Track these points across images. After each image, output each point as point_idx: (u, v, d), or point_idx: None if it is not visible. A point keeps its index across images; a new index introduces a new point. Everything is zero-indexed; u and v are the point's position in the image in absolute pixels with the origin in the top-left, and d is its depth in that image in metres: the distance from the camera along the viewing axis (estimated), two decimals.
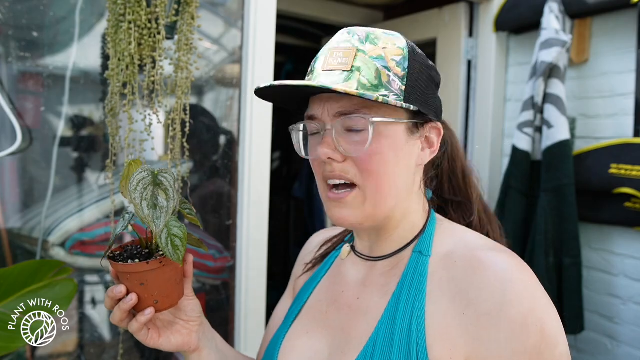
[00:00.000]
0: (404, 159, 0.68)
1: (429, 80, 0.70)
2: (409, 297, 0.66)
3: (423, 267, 0.68)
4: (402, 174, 0.68)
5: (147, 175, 0.62)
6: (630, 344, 1.68)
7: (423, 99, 0.68)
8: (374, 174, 0.66)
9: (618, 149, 1.64)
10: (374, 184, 0.66)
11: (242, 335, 1.47)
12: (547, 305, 0.62)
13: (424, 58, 0.71)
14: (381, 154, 0.65)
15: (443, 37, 2.21)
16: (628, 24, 1.67)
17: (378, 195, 0.67)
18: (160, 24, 0.92)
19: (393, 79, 0.65)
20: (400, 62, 0.66)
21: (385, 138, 0.66)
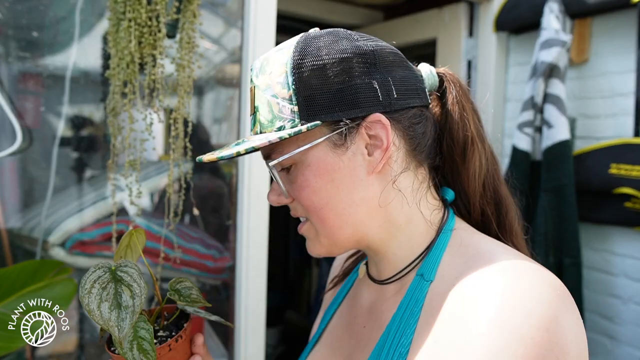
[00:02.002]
0: (344, 178, 0.57)
1: (339, 74, 0.56)
2: (399, 330, 0.56)
3: (420, 295, 0.56)
4: (349, 194, 0.57)
5: (103, 273, 0.55)
6: (630, 344, 1.68)
7: (328, 105, 0.55)
8: (311, 208, 0.58)
9: (618, 149, 1.64)
10: (316, 218, 0.59)
11: (242, 335, 1.47)
12: (569, 336, 0.47)
13: (324, 51, 0.56)
14: (309, 187, 0.57)
15: (443, 37, 2.21)
16: (628, 24, 1.67)
17: (326, 227, 0.59)
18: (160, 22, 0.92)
19: (283, 105, 0.56)
20: (284, 82, 0.56)
21: (307, 168, 0.57)
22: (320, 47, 0.57)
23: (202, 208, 1.52)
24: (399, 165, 0.59)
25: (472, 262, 0.55)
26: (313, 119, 0.55)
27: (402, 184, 0.60)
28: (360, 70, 0.56)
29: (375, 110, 0.56)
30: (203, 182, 1.54)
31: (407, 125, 0.59)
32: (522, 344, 0.46)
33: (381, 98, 0.57)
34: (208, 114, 1.60)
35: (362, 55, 0.57)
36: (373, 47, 0.58)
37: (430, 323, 0.53)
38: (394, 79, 0.58)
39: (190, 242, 1.49)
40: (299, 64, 0.56)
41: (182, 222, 1.53)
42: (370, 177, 0.58)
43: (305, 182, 0.58)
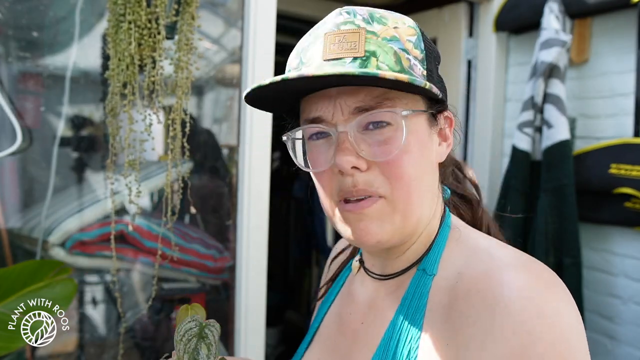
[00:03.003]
0: (428, 157, 0.56)
1: (436, 61, 0.59)
2: (407, 326, 0.55)
3: (424, 289, 0.56)
4: (428, 175, 0.56)
5: (194, 326, 0.60)
6: (630, 344, 1.68)
7: (438, 82, 0.57)
8: (405, 179, 0.53)
9: (618, 149, 1.64)
10: (405, 192, 0.54)
11: (242, 335, 1.47)
12: (561, 346, 0.47)
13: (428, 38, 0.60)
14: (410, 153, 0.53)
15: (443, 37, 2.21)
16: (628, 24, 1.67)
17: (409, 202, 0.54)
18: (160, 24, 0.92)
19: (414, 63, 0.54)
20: (417, 43, 0.55)
21: (412, 133, 0.54)
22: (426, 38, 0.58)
23: (202, 208, 1.52)
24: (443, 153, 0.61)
25: (476, 258, 0.54)
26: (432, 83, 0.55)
27: (437, 175, 0.61)
28: (437, 62, 0.59)
29: (446, 107, 0.59)
30: (203, 182, 1.54)
31: None
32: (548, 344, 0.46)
33: (442, 94, 0.58)
34: (208, 114, 1.61)
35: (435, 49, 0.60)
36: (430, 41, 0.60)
37: (439, 319, 0.53)
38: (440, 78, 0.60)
39: (190, 242, 1.49)
40: (424, 36, 0.57)
41: (182, 222, 1.53)
42: (435, 166, 0.59)
43: (408, 147, 0.53)
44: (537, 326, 0.46)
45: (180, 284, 1.56)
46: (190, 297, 1.58)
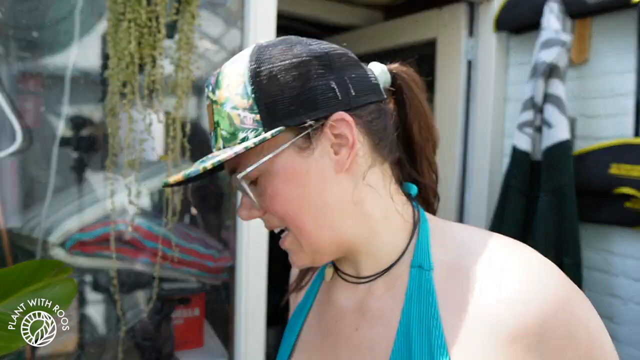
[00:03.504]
0: (314, 181, 0.57)
1: (297, 78, 0.56)
2: (422, 324, 0.55)
3: (428, 285, 0.57)
4: (320, 197, 0.57)
5: None
6: (630, 344, 1.68)
7: (294, 108, 0.55)
8: (287, 217, 0.57)
9: (618, 149, 1.64)
10: (293, 226, 0.58)
11: (242, 335, 1.47)
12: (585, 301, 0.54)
13: (280, 58, 0.57)
14: (280, 196, 0.57)
15: (443, 37, 2.21)
16: (628, 24, 1.67)
17: (304, 234, 0.58)
18: (160, 23, 0.92)
19: (244, 116, 0.56)
20: (244, 92, 0.56)
21: (275, 176, 0.57)
22: (275, 55, 0.57)
23: (202, 208, 1.52)
24: (366, 161, 0.59)
25: (467, 249, 0.57)
26: (276, 125, 0.55)
27: (371, 179, 0.60)
28: (316, 72, 0.56)
29: (337, 109, 0.56)
30: (203, 182, 1.54)
31: (368, 121, 0.59)
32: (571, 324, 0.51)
33: (340, 97, 0.57)
34: None
35: (317, 57, 0.57)
36: (326, 49, 0.59)
37: (455, 312, 0.54)
38: (349, 78, 0.58)
39: (190, 242, 1.49)
40: (256, 72, 0.56)
41: (182, 222, 1.53)
42: (340, 176, 0.58)
43: (275, 190, 0.57)
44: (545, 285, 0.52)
45: (180, 284, 1.56)
46: (190, 297, 1.58)
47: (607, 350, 0.52)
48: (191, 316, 1.58)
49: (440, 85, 2.24)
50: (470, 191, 2.15)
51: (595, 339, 0.52)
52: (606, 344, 0.53)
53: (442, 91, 2.23)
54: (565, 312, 0.50)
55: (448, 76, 2.19)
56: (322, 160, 0.57)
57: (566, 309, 0.51)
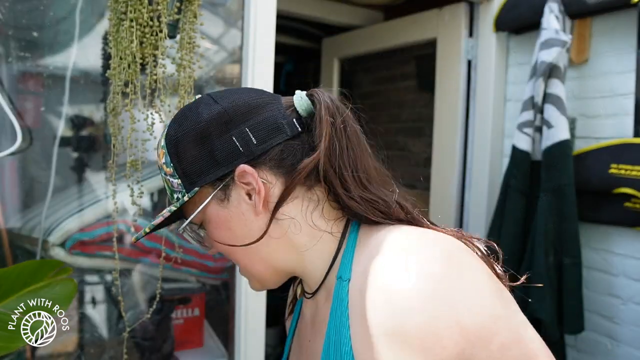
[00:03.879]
0: (238, 224, 0.65)
1: (201, 142, 0.63)
2: (337, 333, 0.59)
3: (343, 294, 0.60)
4: (247, 236, 0.64)
5: None
6: (630, 344, 1.68)
7: (204, 169, 0.63)
8: (226, 255, 0.68)
9: (618, 149, 1.64)
10: (235, 262, 0.69)
11: (242, 335, 1.47)
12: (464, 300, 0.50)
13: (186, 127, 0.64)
14: (215, 238, 0.67)
15: (443, 37, 2.21)
16: (628, 24, 1.67)
17: (244, 268, 0.69)
18: (162, 22, 0.92)
19: (172, 181, 0.66)
20: (167, 161, 0.65)
21: (209, 224, 0.67)
22: (181, 125, 0.65)
23: None
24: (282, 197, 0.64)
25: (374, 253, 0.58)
26: (193, 186, 0.64)
27: (291, 212, 0.65)
28: (217, 131, 0.63)
29: (240, 162, 0.63)
30: None
31: (275, 162, 0.64)
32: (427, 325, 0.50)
33: (242, 149, 0.63)
34: None
35: (216, 118, 0.63)
36: (226, 105, 0.64)
37: (360, 327, 0.56)
38: (251, 127, 0.63)
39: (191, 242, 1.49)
40: (169, 143, 0.65)
41: None
42: (259, 217, 0.64)
43: (211, 235, 0.67)
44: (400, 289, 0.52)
45: (180, 284, 1.56)
46: (190, 297, 1.58)
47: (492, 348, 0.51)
48: (191, 316, 1.58)
49: (440, 85, 2.24)
50: (470, 191, 2.15)
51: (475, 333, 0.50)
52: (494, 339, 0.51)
53: (442, 91, 2.23)
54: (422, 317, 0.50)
55: (448, 76, 2.19)
56: (240, 206, 0.65)
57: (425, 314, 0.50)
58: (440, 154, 2.26)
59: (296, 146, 0.65)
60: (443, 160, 2.24)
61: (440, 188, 2.25)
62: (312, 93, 0.67)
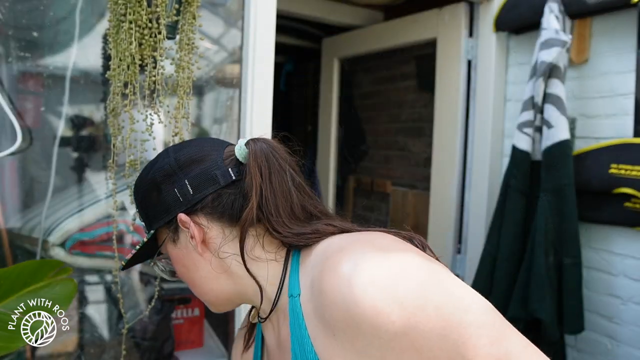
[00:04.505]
0: (189, 262, 0.75)
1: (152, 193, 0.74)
2: (300, 346, 0.64)
3: (298, 310, 0.65)
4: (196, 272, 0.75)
5: None
6: (630, 344, 1.68)
7: (153, 215, 0.75)
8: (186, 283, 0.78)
9: (618, 149, 1.64)
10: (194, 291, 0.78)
11: None
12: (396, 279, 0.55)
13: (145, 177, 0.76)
14: (176, 270, 0.78)
15: (443, 37, 2.21)
16: (628, 24, 1.67)
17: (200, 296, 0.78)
18: (161, 24, 0.92)
19: (140, 223, 0.80)
20: (136, 203, 0.78)
21: (171, 258, 0.78)
22: (142, 176, 0.77)
23: None
24: (220, 237, 0.72)
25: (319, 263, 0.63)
26: (150, 228, 0.76)
27: (231, 248, 0.72)
28: (164, 183, 0.73)
29: (179, 211, 0.72)
30: None
31: (210, 208, 0.72)
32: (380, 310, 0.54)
33: (182, 199, 0.72)
34: (208, 114, 1.60)
35: (166, 170, 0.73)
36: (173, 159, 0.73)
37: (321, 330, 0.61)
38: (190, 179, 0.71)
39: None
40: (135, 192, 0.78)
41: None
42: (204, 255, 0.73)
43: (174, 267, 0.78)
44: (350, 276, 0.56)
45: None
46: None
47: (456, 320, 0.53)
48: (191, 316, 1.58)
49: (440, 85, 2.24)
50: (470, 191, 2.15)
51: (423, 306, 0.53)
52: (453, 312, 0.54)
53: (442, 91, 2.23)
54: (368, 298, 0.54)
55: (448, 76, 2.19)
56: (188, 247, 0.74)
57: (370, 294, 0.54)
58: (440, 154, 2.26)
59: (230, 193, 0.72)
60: (443, 160, 2.24)
61: (440, 188, 2.25)
62: (248, 142, 0.74)
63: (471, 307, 0.54)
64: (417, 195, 2.49)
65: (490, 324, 0.54)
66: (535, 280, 1.67)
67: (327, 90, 2.97)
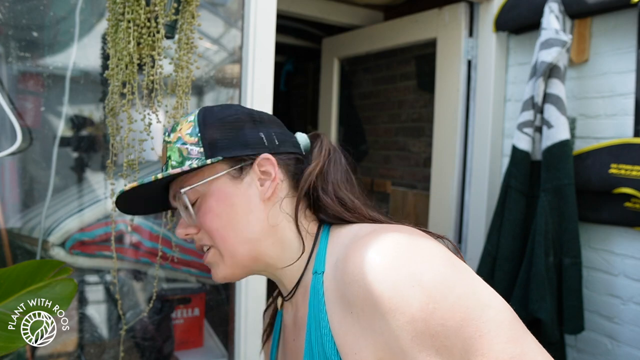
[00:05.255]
0: (242, 203, 0.72)
1: (233, 127, 0.73)
2: (316, 322, 0.65)
3: (319, 287, 0.67)
4: (245, 216, 0.72)
5: None
6: (630, 344, 1.68)
7: (230, 146, 0.72)
8: (214, 232, 0.71)
9: (618, 149, 1.64)
10: (219, 239, 0.72)
11: (242, 335, 1.47)
12: (421, 265, 0.57)
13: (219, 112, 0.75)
14: (212, 212, 0.71)
15: (443, 37, 2.21)
16: (628, 24, 1.67)
17: (227, 245, 0.72)
18: (159, 23, 0.92)
19: (191, 149, 0.72)
20: (192, 132, 0.73)
21: (211, 197, 0.72)
22: (217, 110, 0.75)
23: None
24: (284, 193, 0.74)
25: (345, 245, 0.66)
26: (214, 156, 0.71)
27: (286, 207, 0.74)
28: (248, 124, 0.74)
29: (264, 152, 0.73)
30: None
31: (287, 164, 0.75)
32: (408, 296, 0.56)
33: (267, 143, 0.74)
34: None
35: (249, 114, 0.75)
36: (256, 111, 0.76)
37: (339, 308, 0.62)
38: (274, 132, 0.75)
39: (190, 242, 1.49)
40: (202, 119, 0.74)
41: None
42: (266, 202, 0.72)
43: (208, 208, 0.72)
44: (370, 259, 0.58)
45: (180, 284, 1.56)
46: (191, 297, 1.58)
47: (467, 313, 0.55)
48: (191, 316, 1.58)
49: (440, 85, 2.24)
50: (470, 191, 2.15)
51: (441, 293, 0.55)
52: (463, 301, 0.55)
53: (442, 91, 2.23)
54: (387, 280, 0.56)
55: (448, 76, 2.19)
56: (250, 189, 0.72)
57: (389, 277, 0.56)
58: (440, 154, 2.26)
59: (300, 161, 0.77)
60: (443, 160, 2.24)
61: (440, 188, 2.25)
62: (317, 134, 0.81)
63: (492, 304, 0.55)
64: (417, 195, 2.49)
65: (508, 322, 0.55)
66: (535, 280, 1.67)
67: (327, 90, 2.97)
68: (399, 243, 0.60)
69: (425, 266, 0.56)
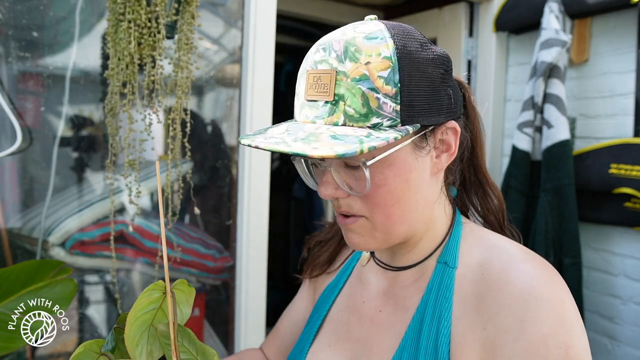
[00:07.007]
0: (416, 178, 0.60)
1: (430, 79, 0.56)
2: (435, 313, 0.61)
3: (449, 280, 0.62)
4: (415, 193, 0.60)
5: None
6: (630, 344, 1.68)
7: (426, 108, 0.56)
8: (381, 206, 0.59)
9: (618, 149, 1.64)
10: (382, 215, 0.60)
11: (242, 335, 1.47)
12: (575, 327, 0.54)
13: (420, 50, 0.57)
14: (386, 186, 0.58)
15: (443, 37, 2.21)
16: (628, 24, 1.67)
17: (389, 223, 0.60)
18: (160, 23, 0.92)
19: (384, 101, 0.54)
20: (390, 77, 0.54)
21: (389, 167, 0.58)
22: (417, 48, 0.57)
23: (202, 208, 1.52)
24: None
25: (493, 253, 0.61)
26: (412, 120, 0.56)
27: (440, 182, 0.65)
28: (442, 76, 0.58)
29: (450, 118, 0.60)
30: (203, 182, 1.54)
31: (461, 132, 0.63)
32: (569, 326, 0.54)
33: (453, 106, 0.60)
34: (208, 114, 1.61)
35: (446, 62, 0.60)
36: (438, 49, 0.60)
37: (470, 307, 0.59)
38: (453, 88, 0.61)
39: (190, 242, 1.49)
40: (406, 60, 0.55)
41: (182, 222, 1.53)
42: (431, 178, 0.63)
43: (383, 180, 0.58)
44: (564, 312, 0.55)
45: None
46: None
47: None
48: (191, 316, 1.58)
49: None
50: None
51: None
52: None
53: None
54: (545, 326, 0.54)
55: None
56: (425, 161, 0.61)
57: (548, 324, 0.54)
58: None
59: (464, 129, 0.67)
60: None
61: None
62: (460, 81, 0.67)
63: None
64: None
65: None
66: None
67: None
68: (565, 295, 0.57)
69: (576, 337, 0.54)
